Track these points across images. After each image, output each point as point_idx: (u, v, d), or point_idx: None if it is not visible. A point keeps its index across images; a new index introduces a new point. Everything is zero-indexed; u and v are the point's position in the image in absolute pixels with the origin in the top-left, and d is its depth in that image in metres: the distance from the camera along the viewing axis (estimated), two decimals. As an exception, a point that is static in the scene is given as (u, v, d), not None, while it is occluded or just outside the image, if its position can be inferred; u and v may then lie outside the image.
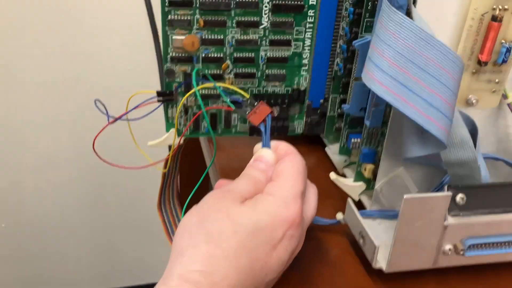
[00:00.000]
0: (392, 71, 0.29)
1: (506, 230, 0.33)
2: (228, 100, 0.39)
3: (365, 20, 0.38)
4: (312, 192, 0.34)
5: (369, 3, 0.37)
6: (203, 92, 0.43)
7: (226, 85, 0.42)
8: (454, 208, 0.31)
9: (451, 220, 0.31)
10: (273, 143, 0.34)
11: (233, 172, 0.33)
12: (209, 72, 0.42)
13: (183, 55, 0.41)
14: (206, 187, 0.54)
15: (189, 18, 0.40)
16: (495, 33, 0.31)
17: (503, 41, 0.32)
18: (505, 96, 0.35)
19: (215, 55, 0.42)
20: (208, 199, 0.30)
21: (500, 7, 0.31)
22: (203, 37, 0.41)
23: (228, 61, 0.42)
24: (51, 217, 1.02)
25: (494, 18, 0.31)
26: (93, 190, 1.01)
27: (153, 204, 0.51)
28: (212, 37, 0.41)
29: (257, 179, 0.31)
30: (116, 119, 0.39)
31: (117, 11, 0.85)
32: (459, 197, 0.31)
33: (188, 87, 0.42)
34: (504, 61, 0.32)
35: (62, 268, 1.09)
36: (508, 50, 0.32)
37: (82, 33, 0.85)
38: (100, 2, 0.84)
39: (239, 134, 0.46)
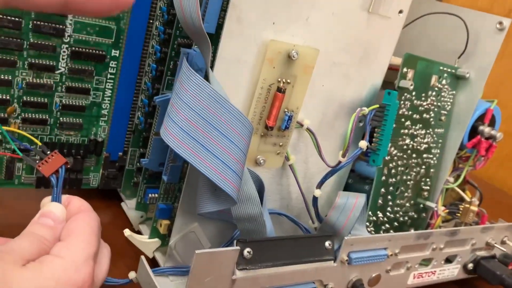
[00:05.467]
0: (188, 128, 0.30)
1: (287, 281, 0.36)
2: (15, 145, 0.35)
3: (167, 78, 0.39)
4: (105, 252, 0.31)
5: (171, 62, 0.38)
6: (-18, 136, 0.38)
7: (13, 129, 0.38)
8: (242, 262, 0.33)
9: (239, 274, 0.33)
10: (65, 197, 0.31)
11: (13, 231, 0.29)
12: (-9, 114, 0.37)
13: (-42, 92, 0.36)
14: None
15: (-30, 52, 0.35)
16: (280, 102, 0.35)
17: (286, 109, 0.36)
18: (287, 158, 0.39)
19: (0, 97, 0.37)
20: None
21: (284, 80, 0.35)
22: (-14, 75, 0.36)
23: (15, 104, 0.38)
24: None
25: (279, 89, 0.35)
26: None
27: None
28: (-2, 76, 0.37)
29: (42, 238, 0.28)
30: None
31: None
32: (246, 251, 0.33)
33: (-38, 129, 0.37)
34: (286, 127, 0.37)
35: None
36: (289, 118, 0.36)
37: None
38: None
39: (23, 186, 0.41)
